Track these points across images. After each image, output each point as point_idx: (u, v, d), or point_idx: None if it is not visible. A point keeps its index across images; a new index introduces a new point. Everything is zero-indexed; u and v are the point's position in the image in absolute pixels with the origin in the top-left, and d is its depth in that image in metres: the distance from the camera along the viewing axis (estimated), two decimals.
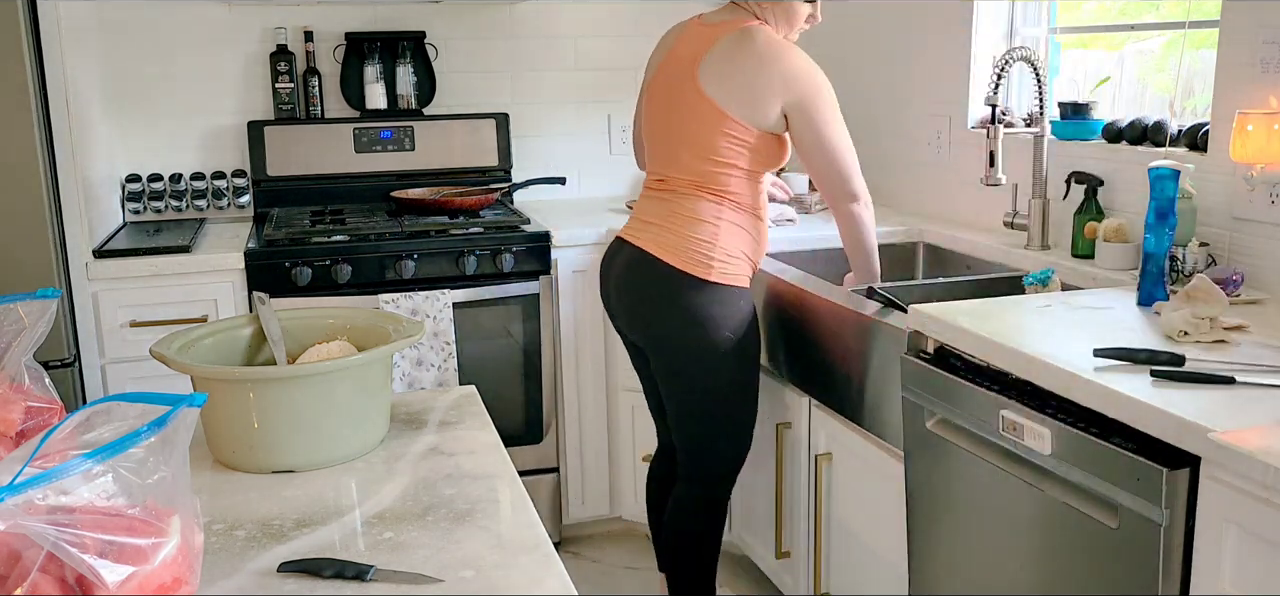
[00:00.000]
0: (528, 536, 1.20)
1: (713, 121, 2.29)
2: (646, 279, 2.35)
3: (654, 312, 2.36)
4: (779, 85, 2.27)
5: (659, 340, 2.38)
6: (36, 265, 2.58)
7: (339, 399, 1.40)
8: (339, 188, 3.38)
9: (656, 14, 3.66)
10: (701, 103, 2.29)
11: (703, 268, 2.30)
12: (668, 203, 2.37)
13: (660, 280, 2.32)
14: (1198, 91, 2.49)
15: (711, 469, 2.46)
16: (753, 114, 2.28)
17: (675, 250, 2.31)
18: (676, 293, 2.31)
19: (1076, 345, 1.75)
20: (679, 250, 2.31)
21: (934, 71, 3.09)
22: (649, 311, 2.37)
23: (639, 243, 2.37)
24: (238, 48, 3.34)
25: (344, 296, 2.90)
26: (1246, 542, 1.38)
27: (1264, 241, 2.11)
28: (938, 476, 1.99)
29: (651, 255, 2.33)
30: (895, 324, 2.12)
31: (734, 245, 2.34)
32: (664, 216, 2.36)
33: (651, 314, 2.37)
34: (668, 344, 2.36)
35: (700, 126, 2.31)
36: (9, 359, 1.24)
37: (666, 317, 2.34)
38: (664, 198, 2.38)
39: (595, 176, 3.73)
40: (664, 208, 2.37)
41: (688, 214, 2.33)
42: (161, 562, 0.89)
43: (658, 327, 2.36)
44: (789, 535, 2.68)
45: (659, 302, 2.34)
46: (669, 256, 2.31)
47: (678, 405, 2.42)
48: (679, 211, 2.34)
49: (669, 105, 2.38)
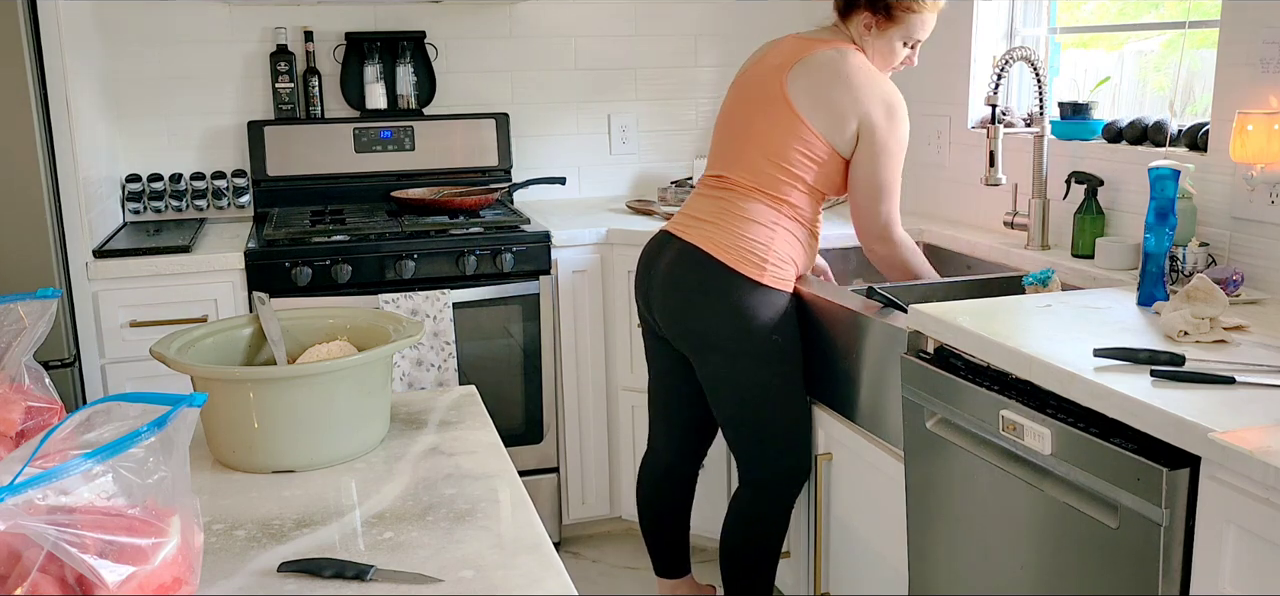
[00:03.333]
0: (528, 536, 1.19)
1: (789, 126, 2.28)
2: (697, 275, 2.31)
3: (704, 309, 2.31)
4: (863, 106, 2.27)
5: (704, 337, 2.33)
6: (36, 265, 2.58)
7: (339, 399, 1.40)
8: (339, 188, 3.38)
9: (656, 14, 3.67)
10: (782, 106, 2.29)
11: (757, 269, 2.28)
12: (722, 202, 2.34)
13: (712, 276, 2.29)
14: (1198, 91, 2.49)
15: (771, 470, 2.42)
16: (830, 129, 2.28)
17: (729, 248, 2.28)
18: (728, 290, 2.28)
19: (1076, 345, 1.75)
20: (732, 249, 2.28)
21: (934, 71, 3.09)
22: (698, 308, 2.32)
23: (690, 238, 2.33)
24: (238, 48, 3.34)
25: (344, 296, 2.90)
26: (1246, 542, 1.38)
27: (1264, 241, 2.10)
28: (938, 476, 1.99)
29: (703, 251, 2.30)
30: (895, 324, 2.12)
31: (787, 251, 2.32)
32: (717, 214, 2.33)
33: (701, 311, 2.32)
34: (716, 342, 2.32)
35: (774, 129, 2.30)
36: (9, 359, 1.24)
37: (716, 314, 2.30)
38: (719, 197, 2.35)
39: (595, 176, 3.73)
40: (718, 206, 2.34)
41: (743, 214, 2.30)
42: (161, 562, 0.89)
43: (706, 324, 2.32)
44: (789, 535, 2.67)
45: (710, 299, 2.30)
46: (722, 254, 2.28)
47: (729, 408, 2.38)
48: (734, 210, 2.31)
49: (749, 104, 2.37)
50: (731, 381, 2.35)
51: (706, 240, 2.30)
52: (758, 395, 2.35)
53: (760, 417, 2.37)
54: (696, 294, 2.31)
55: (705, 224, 2.33)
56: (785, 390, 2.37)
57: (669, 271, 2.36)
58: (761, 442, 2.39)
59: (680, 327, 2.37)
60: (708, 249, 2.29)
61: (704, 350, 2.35)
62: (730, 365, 2.33)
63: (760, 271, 2.28)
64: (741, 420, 2.39)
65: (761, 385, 2.34)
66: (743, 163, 2.33)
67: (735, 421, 2.39)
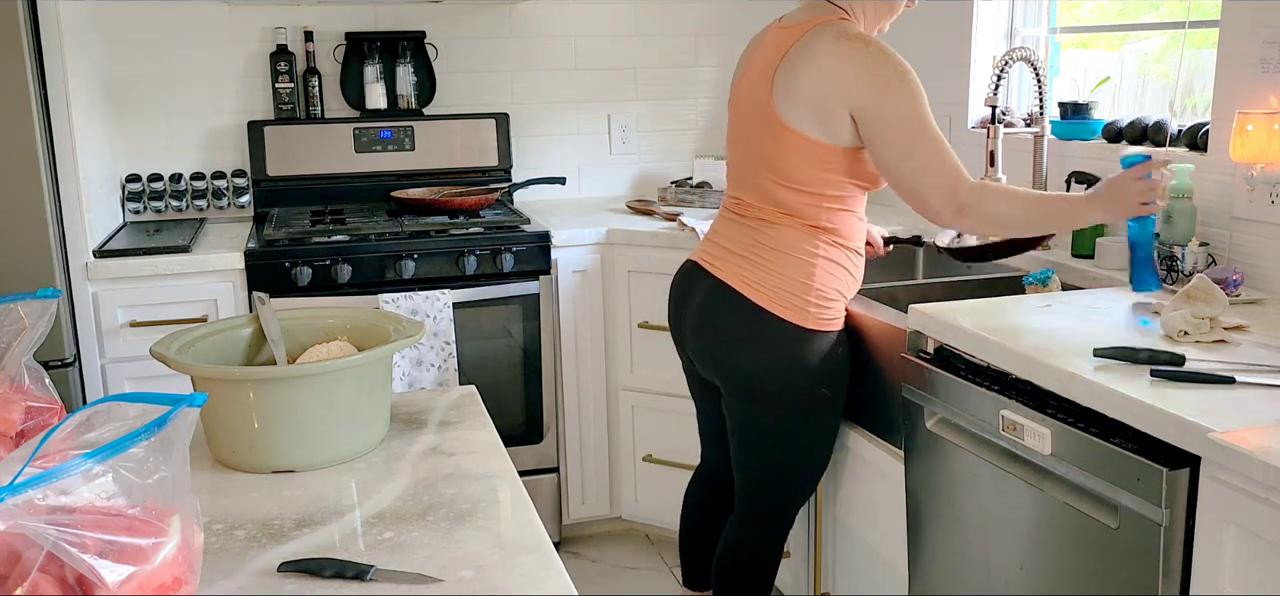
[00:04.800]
0: (528, 536, 1.19)
1: (790, 144, 2.02)
2: (733, 319, 2.10)
3: (744, 356, 2.11)
4: (843, 91, 1.97)
5: (742, 385, 2.14)
6: (36, 265, 2.58)
7: (339, 399, 1.40)
8: (339, 188, 3.38)
9: (656, 14, 3.67)
10: (775, 124, 2.03)
11: (799, 312, 2.06)
12: (752, 231, 2.11)
13: (750, 322, 2.08)
14: (1198, 91, 2.49)
15: (776, 513, 2.29)
16: (826, 130, 2.00)
17: (766, 289, 2.06)
18: (769, 338, 2.07)
19: (1076, 345, 1.75)
20: (771, 289, 2.06)
21: (934, 71, 3.09)
22: (738, 354, 2.12)
23: (720, 274, 2.12)
24: (238, 48, 3.34)
25: (344, 296, 2.90)
26: (1246, 542, 1.38)
27: (1264, 241, 2.10)
28: (938, 476, 1.99)
29: (739, 292, 2.08)
30: (895, 324, 2.12)
31: (831, 285, 2.09)
32: (749, 246, 2.10)
33: (740, 357, 2.12)
34: (755, 390, 2.13)
35: (776, 148, 2.04)
36: (9, 359, 1.24)
37: (755, 363, 2.10)
38: (747, 225, 2.12)
39: (595, 176, 3.73)
40: (748, 236, 2.11)
41: (777, 246, 2.07)
42: (161, 562, 0.89)
43: (744, 371, 2.12)
44: (789, 535, 2.67)
45: (750, 346, 2.09)
46: (760, 297, 2.07)
47: (750, 451, 2.21)
48: (766, 242, 2.08)
49: (746, 123, 2.12)
50: (762, 428, 2.17)
51: (740, 279, 2.09)
52: (789, 445, 2.19)
53: (784, 465, 2.22)
54: (733, 341, 2.11)
55: (737, 257, 2.12)
56: (816, 442, 2.22)
57: (701, 311, 2.17)
58: (775, 487, 2.26)
59: (718, 370, 2.18)
60: (742, 290, 2.08)
61: (738, 395, 2.17)
62: (767, 413, 2.15)
63: (804, 315, 2.06)
64: (763, 464, 2.22)
65: (792, 438, 2.18)
66: (758, 188, 2.10)
67: (752, 463, 2.22)
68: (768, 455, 2.21)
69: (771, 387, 2.12)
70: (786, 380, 2.11)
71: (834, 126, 2.01)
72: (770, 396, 2.13)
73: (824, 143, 2.02)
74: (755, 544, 2.31)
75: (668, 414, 3.08)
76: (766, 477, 2.25)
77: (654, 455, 3.16)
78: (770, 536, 2.32)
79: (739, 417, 2.21)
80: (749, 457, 2.23)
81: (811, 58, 2.00)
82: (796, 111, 2.01)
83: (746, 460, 2.24)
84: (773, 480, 2.25)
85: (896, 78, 1.97)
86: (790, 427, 2.17)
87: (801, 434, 2.19)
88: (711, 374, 2.22)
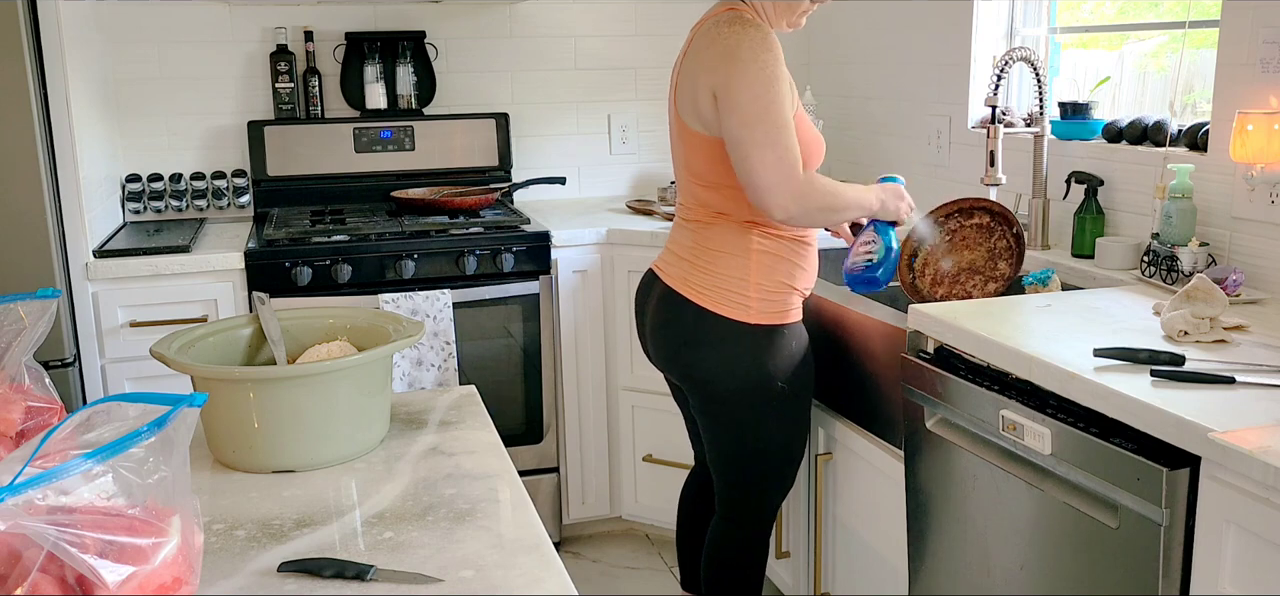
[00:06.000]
0: (528, 536, 1.19)
1: (691, 143, 2.06)
2: (681, 322, 2.13)
3: (693, 358, 2.14)
4: (707, 69, 1.96)
5: (700, 385, 2.17)
6: (36, 265, 2.58)
7: (339, 399, 1.40)
8: (339, 188, 3.38)
9: (656, 14, 3.67)
10: (679, 123, 2.08)
11: (742, 309, 2.08)
12: (693, 234, 2.14)
13: (696, 324, 2.10)
14: (1198, 91, 2.49)
15: (754, 510, 2.30)
16: (706, 122, 2.00)
17: (708, 289, 2.09)
18: (716, 339, 2.09)
19: (1076, 345, 1.75)
20: (711, 289, 2.09)
21: (934, 71, 3.09)
22: (688, 356, 2.15)
23: (668, 280, 2.16)
24: (238, 48, 3.34)
25: (344, 296, 2.90)
26: (1246, 542, 1.38)
27: (1264, 241, 2.10)
28: (938, 476, 1.99)
29: (682, 296, 2.12)
30: (895, 324, 2.12)
31: (772, 278, 2.10)
32: (690, 249, 2.14)
33: (690, 359, 2.14)
34: (710, 390, 2.15)
35: (687, 150, 2.09)
36: (9, 359, 1.24)
37: (706, 364, 2.12)
38: (689, 228, 2.16)
39: (595, 176, 3.73)
40: (690, 239, 2.14)
41: (715, 246, 2.10)
42: (161, 562, 0.89)
43: (697, 374, 2.15)
44: (789, 535, 2.67)
45: (698, 348, 2.12)
46: (702, 298, 2.09)
47: (719, 450, 2.23)
48: (705, 243, 2.11)
49: (670, 128, 2.17)
50: (726, 426, 2.19)
51: (683, 282, 2.13)
52: (752, 442, 2.20)
53: (752, 463, 2.23)
54: (683, 342, 2.15)
55: (682, 262, 2.15)
56: (782, 435, 2.22)
57: (654, 317, 2.22)
58: (748, 485, 2.26)
59: (676, 374, 2.23)
60: (686, 293, 2.12)
61: (697, 394, 2.20)
62: (725, 412, 2.17)
63: (746, 311, 2.08)
64: (730, 463, 2.24)
65: (757, 434, 2.18)
66: (687, 191, 2.14)
67: (723, 462, 2.25)
68: (734, 454, 2.23)
69: (726, 388, 2.14)
70: (739, 379, 2.12)
71: (707, 116, 1.99)
72: (728, 396, 2.15)
73: (708, 136, 2.02)
74: (736, 542, 2.33)
75: (668, 414, 3.08)
76: (737, 476, 2.26)
77: (654, 455, 3.16)
78: (750, 534, 2.33)
79: (704, 420, 2.23)
80: (718, 458, 2.26)
81: (695, 51, 2.02)
82: (689, 109, 2.04)
83: (716, 460, 2.26)
84: (743, 479, 2.26)
85: (752, 59, 1.92)
86: (752, 425, 2.18)
87: (764, 430, 2.19)
88: (675, 378, 2.27)
